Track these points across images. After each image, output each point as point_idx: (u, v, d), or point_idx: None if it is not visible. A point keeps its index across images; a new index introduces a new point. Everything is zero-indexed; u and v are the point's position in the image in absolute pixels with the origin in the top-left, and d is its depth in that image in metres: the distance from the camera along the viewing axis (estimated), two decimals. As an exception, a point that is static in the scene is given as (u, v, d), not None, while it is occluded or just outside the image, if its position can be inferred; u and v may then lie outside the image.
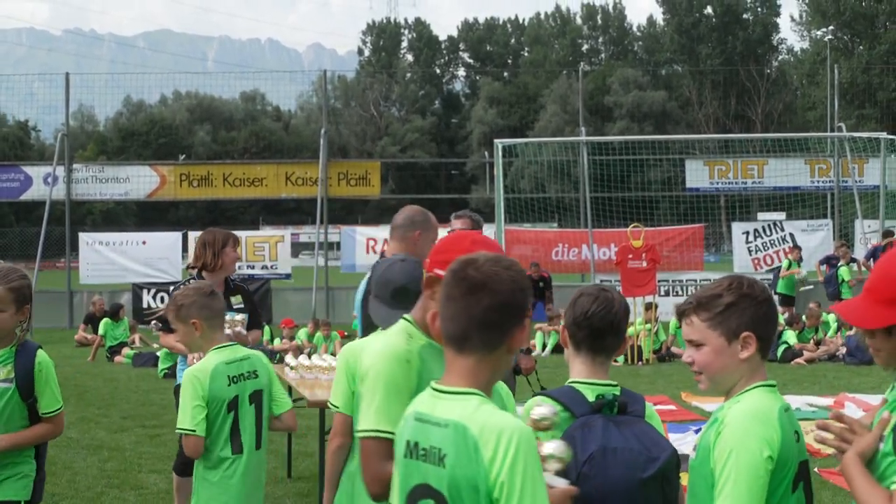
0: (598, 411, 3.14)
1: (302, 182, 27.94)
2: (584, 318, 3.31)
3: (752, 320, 3.00)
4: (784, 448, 2.95)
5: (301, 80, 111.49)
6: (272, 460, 8.64)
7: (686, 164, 29.41)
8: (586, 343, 3.34)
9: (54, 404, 4.54)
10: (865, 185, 27.76)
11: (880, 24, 72.59)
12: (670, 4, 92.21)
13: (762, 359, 3.10)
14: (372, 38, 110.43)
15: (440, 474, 2.52)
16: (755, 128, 77.21)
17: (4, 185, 27.71)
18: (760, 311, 3.03)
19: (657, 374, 15.75)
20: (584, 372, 3.36)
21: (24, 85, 38.09)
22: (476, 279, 2.61)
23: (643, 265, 17.96)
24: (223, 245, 6.94)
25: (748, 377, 3.07)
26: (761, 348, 3.04)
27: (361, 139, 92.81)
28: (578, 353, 3.36)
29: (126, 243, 26.13)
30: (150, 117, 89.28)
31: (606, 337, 3.33)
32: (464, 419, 2.52)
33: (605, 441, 3.03)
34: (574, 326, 3.33)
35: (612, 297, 3.38)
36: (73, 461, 9.37)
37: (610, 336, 3.34)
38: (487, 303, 2.59)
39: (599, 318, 3.29)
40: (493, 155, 26.15)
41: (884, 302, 2.82)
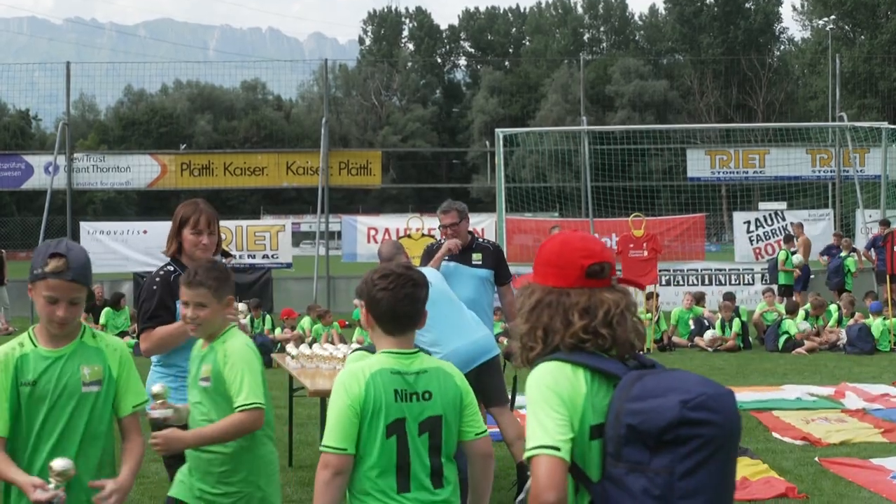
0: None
1: (303, 171, 27.92)
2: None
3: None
4: (367, 402, 3.57)
5: (302, 69, 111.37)
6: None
7: (687, 154, 29.36)
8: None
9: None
10: (866, 174, 27.73)
11: (882, 13, 72.44)
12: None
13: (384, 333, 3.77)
14: (373, 27, 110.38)
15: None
16: (756, 117, 77.15)
17: (6, 175, 27.70)
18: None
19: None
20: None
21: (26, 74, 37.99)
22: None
23: (644, 255, 17.94)
24: (180, 225, 5.47)
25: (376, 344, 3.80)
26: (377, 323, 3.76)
27: (362, 128, 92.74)
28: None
29: (127, 232, 26.11)
30: (151, 106, 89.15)
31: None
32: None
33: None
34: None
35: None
36: (75, 450, 9.37)
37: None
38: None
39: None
40: (494, 144, 26.15)
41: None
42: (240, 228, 26.11)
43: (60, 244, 3.81)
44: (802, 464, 8.53)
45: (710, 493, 2.72)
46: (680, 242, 25.53)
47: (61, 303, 3.78)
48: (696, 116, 78.79)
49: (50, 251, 3.77)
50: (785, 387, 12.76)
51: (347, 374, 3.70)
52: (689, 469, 2.69)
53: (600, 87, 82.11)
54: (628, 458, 2.74)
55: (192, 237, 5.39)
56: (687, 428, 2.70)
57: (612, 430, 2.77)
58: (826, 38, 62.67)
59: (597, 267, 2.99)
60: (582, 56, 60.59)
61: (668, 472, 2.70)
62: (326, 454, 3.57)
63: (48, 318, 3.82)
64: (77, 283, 3.81)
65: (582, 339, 2.92)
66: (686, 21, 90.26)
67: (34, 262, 3.81)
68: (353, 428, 3.58)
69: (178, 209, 5.52)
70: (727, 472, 2.79)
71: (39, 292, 3.80)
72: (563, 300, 2.96)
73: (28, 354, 3.85)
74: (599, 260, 3.00)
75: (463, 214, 7.94)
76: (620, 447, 2.75)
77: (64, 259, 3.76)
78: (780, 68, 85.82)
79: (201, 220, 5.41)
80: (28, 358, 3.84)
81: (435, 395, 3.71)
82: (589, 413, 2.83)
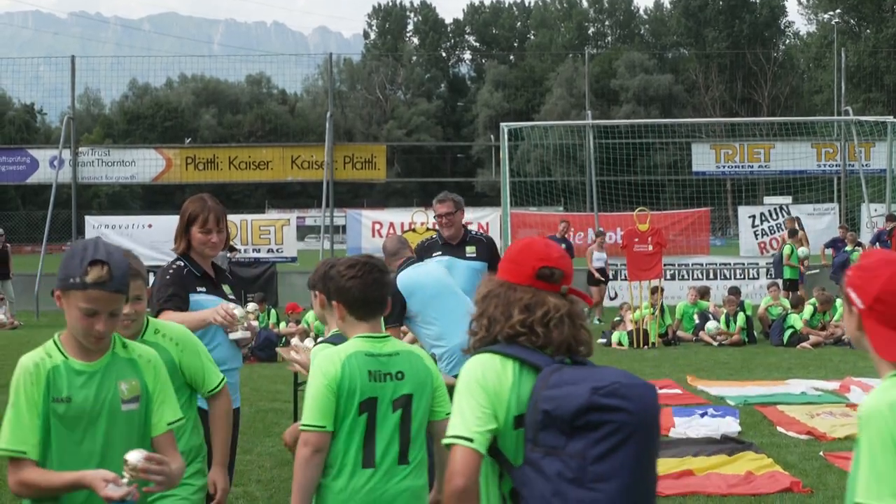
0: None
1: (308, 165, 27.92)
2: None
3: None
4: (343, 382, 3.80)
5: (307, 63, 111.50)
6: (277, 442, 8.66)
7: (692, 148, 29.32)
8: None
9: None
10: (872, 168, 27.68)
11: (887, 7, 72.29)
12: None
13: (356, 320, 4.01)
14: (378, 21, 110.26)
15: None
16: (762, 111, 77.07)
17: (11, 169, 27.73)
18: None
19: (663, 358, 15.74)
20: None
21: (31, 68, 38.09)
22: None
23: (649, 249, 17.93)
24: (189, 222, 5.40)
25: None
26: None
27: (367, 123, 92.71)
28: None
29: (132, 226, 26.14)
30: (156, 100, 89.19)
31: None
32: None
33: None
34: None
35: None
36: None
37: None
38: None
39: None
40: (499, 138, 26.12)
41: None
42: (245, 222, 26.13)
43: (98, 248, 3.36)
44: (807, 458, 8.53)
45: (622, 479, 2.83)
46: (685, 237, 25.51)
47: (101, 315, 3.32)
48: (701, 111, 78.72)
49: (89, 257, 3.31)
50: (790, 381, 12.76)
51: (324, 357, 3.91)
52: (601, 453, 2.82)
53: (605, 82, 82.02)
54: (545, 442, 2.87)
55: (201, 235, 5.34)
56: (598, 413, 2.83)
57: (531, 416, 2.91)
58: (831, 32, 62.51)
59: (547, 271, 3.13)
60: (587, 50, 60.41)
61: (581, 456, 2.83)
62: (306, 433, 3.77)
63: (85, 331, 3.34)
64: (120, 294, 3.38)
65: (518, 333, 3.06)
66: (691, 15, 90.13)
67: (68, 267, 3.36)
68: (330, 406, 3.79)
69: (185, 205, 5.45)
70: (642, 459, 2.88)
71: (74, 303, 3.33)
72: (510, 294, 3.12)
73: (59, 367, 3.37)
74: (552, 265, 3.15)
75: (458, 206, 7.98)
76: (538, 432, 2.88)
77: (106, 267, 3.31)
78: (785, 62, 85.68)
79: (210, 218, 5.34)
80: (59, 371, 3.37)
81: (407, 374, 3.92)
82: (514, 403, 2.97)
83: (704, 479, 7.93)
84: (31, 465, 3.28)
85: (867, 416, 2.78)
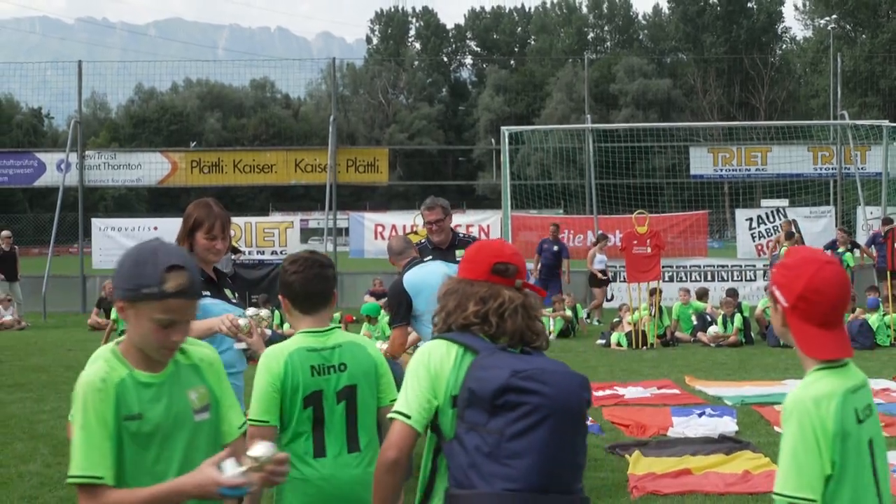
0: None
1: (311, 169, 27.91)
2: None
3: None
4: (286, 379, 3.93)
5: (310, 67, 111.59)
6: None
7: (690, 152, 29.30)
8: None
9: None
10: (868, 172, 27.67)
11: (883, 12, 72.28)
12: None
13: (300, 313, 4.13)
14: (380, 26, 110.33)
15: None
16: (759, 115, 77.05)
17: (18, 172, 27.72)
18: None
19: (661, 359, 15.73)
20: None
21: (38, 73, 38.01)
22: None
23: (648, 251, 17.91)
24: (194, 227, 5.23)
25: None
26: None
27: (370, 126, 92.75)
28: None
29: (138, 229, 26.15)
30: (162, 105, 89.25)
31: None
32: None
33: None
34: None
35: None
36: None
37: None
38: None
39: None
40: (500, 142, 26.13)
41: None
42: (249, 225, 26.15)
43: (171, 251, 3.00)
44: (804, 457, 8.50)
45: (535, 457, 2.97)
46: (683, 239, 25.50)
47: (179, 325, 3.00)
48: (699, 114, 78.69)
49: (163, 262, 2.95)
50: (786, 381, 12.74)
51: (269, 355, 4.04)
52: (516, 432, 2.97)
53: (604, 86, 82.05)
54: (469, 419, 3.05)
55: (205, 241, 5.21)
56: (515, 395, 2.99)
57: (461, 394, 3.11)
58: (827, 37, 62.50)
59: (501, 266, 3.31)
60: (586, 55, 60.43)
61: (499, 433, 2.98)
62: (251, 427, 3.81)
63: (160, 344, 3.00)
64: (197, 299, 3.08)
65: (471, 322, 3.24)
66: (689, 20, 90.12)
67: (138, 275, 2.96)
68: (273, 402, 3.94)
69: (190, 209, 5.32)
70: (557, 441, 3.01)
71: (147, 314, 2.96)
72: (467, 289, 3.31)
73: (125, 381, 3.01)
74: (506, 261, 3.34)
75: (447, 211, 8.01)
76: (464, 409, 3.07)
77: (187, 273, 2.97)
78: (782, 67, 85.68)
79: (216, 225, 5.22)
80: (126, 385, 3.01)
81: (350, 365, 4.06)
82: (452, 384, 3.16)
83: (702, 478, 7.92)
84: (110, 490, 2.91)
85: (790, 409, 2.89)
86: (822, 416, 2.84)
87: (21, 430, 10.02)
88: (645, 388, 12.36)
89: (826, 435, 2.82)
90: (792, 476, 2.85)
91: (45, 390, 12.59)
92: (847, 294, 3.02)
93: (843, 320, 3.03)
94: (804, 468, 2.83)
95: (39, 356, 16.40)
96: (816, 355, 3.00)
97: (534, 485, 2.94)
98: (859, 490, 2.88)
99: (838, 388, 2.91)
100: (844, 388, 2.93)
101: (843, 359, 3.00)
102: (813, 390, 2.91)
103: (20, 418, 10.66)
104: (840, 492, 2.84)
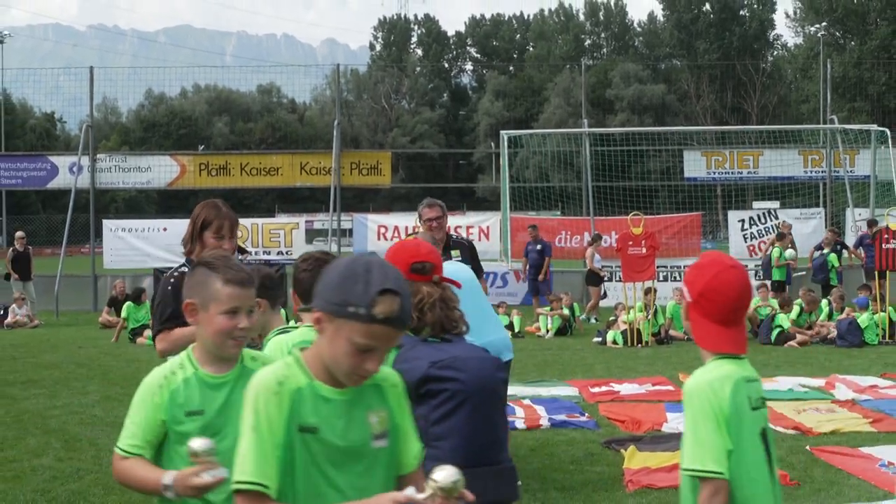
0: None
1: (316, 171, 27.92)
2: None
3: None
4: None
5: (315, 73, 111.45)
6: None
7: (684, 155, 29.30)
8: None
9: None
10: (856, 174, 27.68)
11: (871, 20, 72.27)
12: (670, 1, 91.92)
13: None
14: (383, 33, 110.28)
15: None
16: (751, 120, 77.01)
17: (32, 174, 27.74)
18: None
19: (656, 356, 15.73)
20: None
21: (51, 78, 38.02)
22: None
23: (643, 252, 17.90)
24: (202, 227, 5.15)
25: None
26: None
27: (373, 130, 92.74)
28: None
29: (148, 230, 26.16)
30: (171, 109, 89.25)
31: None
32: None
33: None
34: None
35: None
36: (98, 438, 9.39)
37: None
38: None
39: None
40: (500, 146, 26.15)
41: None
42: (255, 226, 26.17)
43: (387, 274, 2.60)
44: (794, 452, 8.52)
45: (457, 439, 3.19)
46: (677, 240, 25.48)
47: (377, 353, 2.63)
48: (693, 119, 78.63)
49: (377, 283, 2.56)
50: (778, 378, 12.73)
51: (275, 345, 4.16)
52: (439, 417, 3.20)
53: (601, 91, 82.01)
54: None
55: (214, 241, 5.19)
56: (435, 383, 3.22)
57: None
58: (818, 44, 62.49)
59: (419, 265, 3.52)
60: (583, 61, 60.55)
61: (424, 419, 3.17)
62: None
63: (352, 368, 2.62)
64: (405, 330, 2.70)
65: None
66: (683, 27, 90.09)
67: (346, 291, 2.58)
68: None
69: (198, 210, 5.27)
70: (478, 420, 3.23)
71: (347, 335, 2.58)
72: None
73: (303, 390, 2.67)
74: (423, 260, 3.56)
75: (444, 210, 8.06)
76: None
77: (399, 300, 2.58)
78: (773, 73, 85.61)
79: (224, 225, 5.21)
80: (304, 395, 2.66)
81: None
82: None
83: (695, 472, 7.91)
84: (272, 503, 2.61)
85: (690, 392, 3.07)
86: (719, 398, 3.00)
87: (34, 425, 10.02)
88: (640, 385, 12.35)
89: (723, 414, 2.97)
90: (696, 452, 2.98)
91: (58, 386, 12.59)
92: (747, 297, 3.21)
93: (742, 320, 3.22)
94: (706, 444, 2.97)
95: (52, 353, 16.41)
96: (710, 348, 3.20)
97: (459, 462, 2.74)
98: (754, 471, 3.01)
99: (733, 375, 3.08)
100: (739, 376, 3.09)
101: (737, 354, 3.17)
102: (710, 375, 3.09)
103: (33, 413, 10.65)
104: (739, 469, 2.97)
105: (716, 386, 3.03)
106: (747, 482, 2.98)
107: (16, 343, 18.05)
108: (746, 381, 3.09)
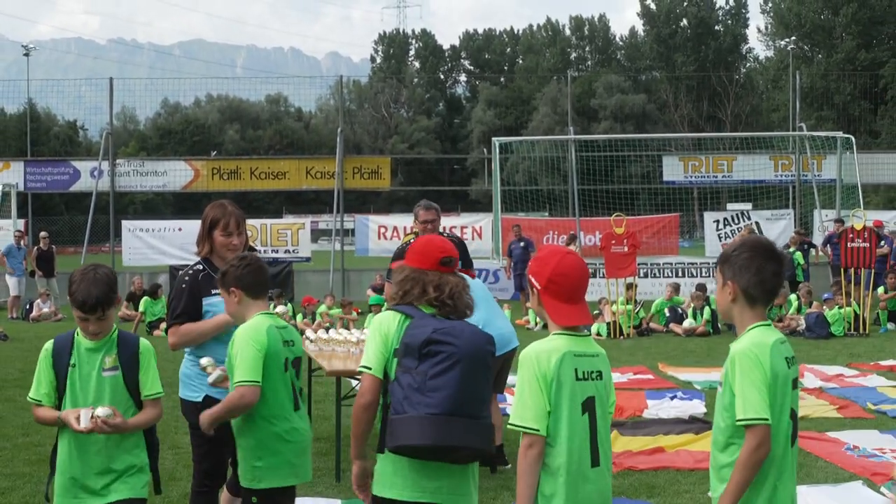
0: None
1: (321, 175, 27.92)
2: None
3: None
4: (270, 348, 4.45)
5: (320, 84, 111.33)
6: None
7: (663, 160, 29.32)
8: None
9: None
10: (823, 178, 27.72)
11: (837, 34, 72.36)
12: (650, 17, 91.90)
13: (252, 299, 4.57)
14: (383, 47, 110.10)
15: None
16: (725, 127, 76.99)
17: (56, 178, 27.71)
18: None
19: (637, 347, 15.74)
20: None
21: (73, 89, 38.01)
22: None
23: (625, 250, 17.95)
24: (211, 227, 5.23)
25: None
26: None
27: (374, 137, 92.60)
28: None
29: (164, 230, 26.12)
30: (185, 118, 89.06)
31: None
32: None
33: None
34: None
35: None
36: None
37: None
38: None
39: None
40: (492, 151, 26.15)
41: None
42: (264, 226, 26.14)
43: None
44: (766, 436, 8.50)
45: (449, 391, 3.58)
46: (656, 239, 25.50)
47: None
48: (671, 126, 78.63)
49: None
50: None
51: (254, 329, 4.45)
52: (436, 373, 3.60)
53: (586, 101, 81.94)
54: (404, 364, 3.68)
55: (222, 238, 5.21)
56: (435, 346, 3.63)
57: (399, 347, 3.73)
58: (787, 57, 62.48)
59: (447, 259, 3.92)
60: (569, 73, 60.58)
61: (424, 374, 3.61)
62: (242, 387, 4.35)
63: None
64: None
65: (431, 303, 3.86)
66: (662, 41, 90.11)
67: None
68: (259, 366, 4.37)
69: (206, 211, 5.28)
70: (467, 380, 3.63)
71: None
72: (423, 277, 3.90)
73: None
74: (449, 255, 3.94)
75: (439, 212, 8.07)
76: (401, 357, 3.70)
77: None
78: (746, 84, 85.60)
79: (231, 222, 5.21)
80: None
81: (296, 342, 4.66)
82: (395, 340, 3.77)
83: (674, 455, 7.93)
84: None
85: (522, 360, 3.49)
86: (542, 366, 3.42)
87: (58, 412, 9.97)
88: (622, 374, 12.36)
89: (545, 380, 3.40)
90: (519, 410, 3.44)
91: (80, 376, 12.53)
92: (585, 277, 3.62)
93: (583, 297, 3.63)
94: (528, 405, 3.41)
95: (74, 345, 16.35)
96: (564, 322, 3.54)
97: (447, 410, 3.56)
98: (571, 431, 3.42)
99: (562, 348, 3.48)
100: (568, 349, 3.48)
101: (581, 328, 3.60)
102: (541, 347, 3.48)
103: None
104: (556, 428, 3.41)
105: (542, 357, 3.44)
106: (563, 439, 3.40)
107: (41, 335, 18.01)
108: (576, 355, 3.50)
